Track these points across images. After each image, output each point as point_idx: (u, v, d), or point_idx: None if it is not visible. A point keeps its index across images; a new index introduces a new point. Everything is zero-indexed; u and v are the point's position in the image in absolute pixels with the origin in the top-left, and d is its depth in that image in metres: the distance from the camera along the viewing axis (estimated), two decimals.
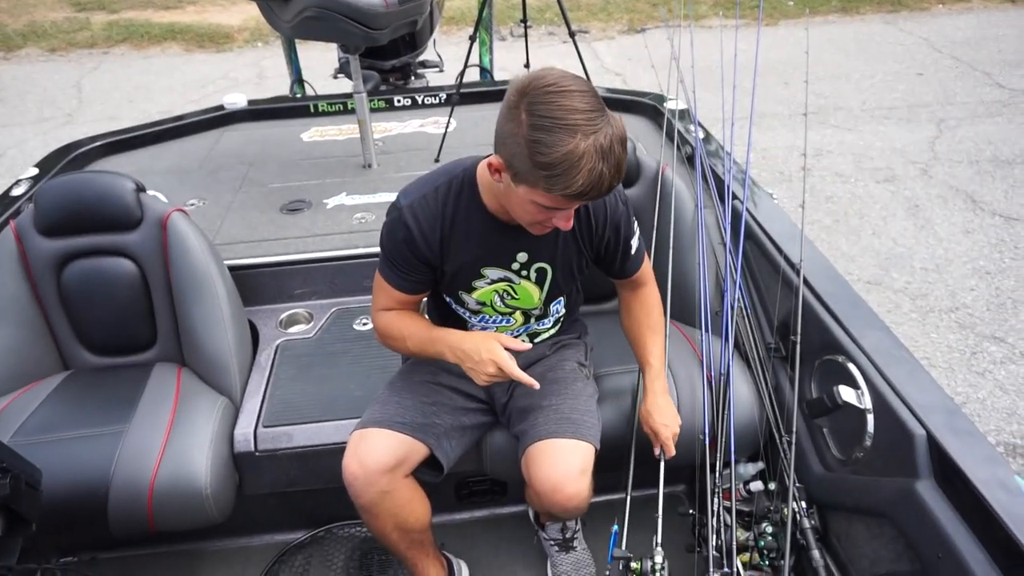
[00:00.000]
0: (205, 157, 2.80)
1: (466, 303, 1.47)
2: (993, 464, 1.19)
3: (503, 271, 1.42)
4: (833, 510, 1.54)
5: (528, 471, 1.42)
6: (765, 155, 4.45)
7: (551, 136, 1.07)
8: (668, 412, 1.49)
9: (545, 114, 1.08)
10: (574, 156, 1.06)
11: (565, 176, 1.08)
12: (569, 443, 1.41)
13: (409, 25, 2.55)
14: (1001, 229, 3.64)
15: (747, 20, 6.78)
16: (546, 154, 1.07)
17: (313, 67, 3.98)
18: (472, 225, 1.36)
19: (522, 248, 1.39)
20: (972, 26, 6.93)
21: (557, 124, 1.07)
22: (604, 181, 1.10)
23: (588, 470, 1.41)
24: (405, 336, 1.43)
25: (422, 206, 1.34)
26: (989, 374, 2.70)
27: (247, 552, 1.91)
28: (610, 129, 1.09)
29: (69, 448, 1.57)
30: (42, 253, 1.80)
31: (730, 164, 2.17)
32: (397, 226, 1.35)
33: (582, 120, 1.07)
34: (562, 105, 1.08)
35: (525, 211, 1.21)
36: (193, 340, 1.83)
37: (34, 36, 7.22)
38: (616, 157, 1.10)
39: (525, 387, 1.50)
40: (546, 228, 1.28)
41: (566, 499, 1.37)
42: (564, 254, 1.43)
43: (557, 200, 1.14)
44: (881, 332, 1.52)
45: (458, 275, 1.41)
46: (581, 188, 1.09)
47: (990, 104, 5.18)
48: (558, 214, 1.20)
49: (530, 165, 1.10)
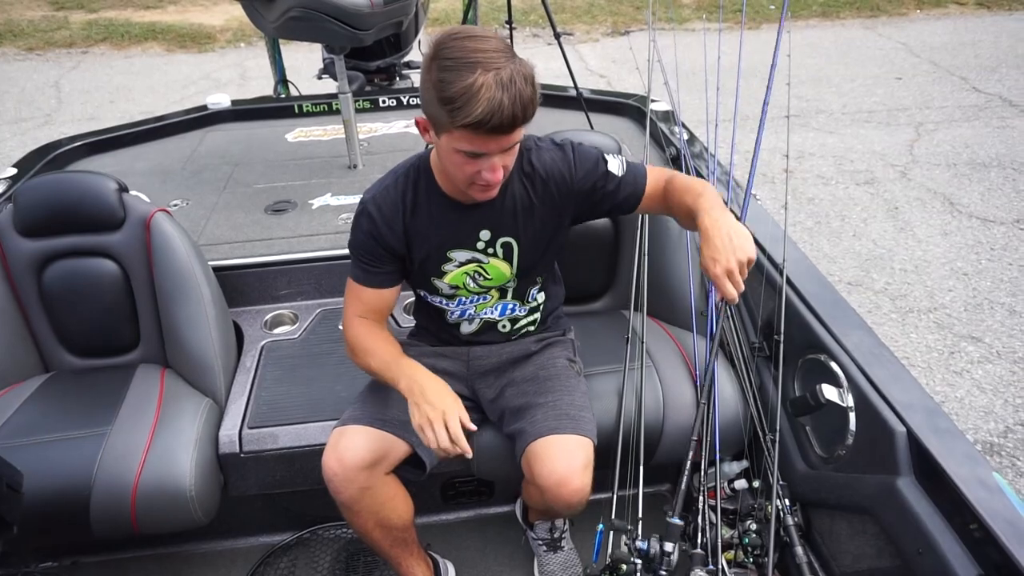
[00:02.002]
0: (188, 157, 2.78)
1: (440, 289, 1.49)
2: (973, 461, 1.21)
3: (470, 252, 1.44)
4: (816, 507, 1.56)
5: (531, 468, 1.42)
6: (748, 157, 4.47)
7: (452, 73, 1.13)
8: (724, 249, 1.21)
9: (449, 55, 1.14)
10: (473, 87, 1.11)
11: (465, 106, 1.12)
12: (572, 439, 1.42)
13: (394, 26, 2.54)
14: (978, 231, 3.71)
15: (729, 24, 6.84)
16: (447, 89, 1.13)
17: (297, 67, 3.96)
18: (433, 209, 1.39)
19: (484, 226, 1.42)
20: (949, 31, 7.05)
21: (459, 63, 1.13)
22: (504, 110, 1.12)
23: (590, 465, 1.43)
24: (370, 350, 1.43)
25: (384, 197, 1.39)
26: (967, 373, 2.75)
27: (232, 554, 1.90)
28: (513, 66, 1.14)
29: (50, 450, 1.55)
30: (22, 254, 1.78)
31: (714, 165, 2.19)
32: (362, 219, 1.40)
33: (483, 57, 1.13)
34: (465, 47, 1.14)
35: (455, 166, 1.24)
36: (177, 341, 1.81)
37: (10, 35, 7.11)
38: (518, 88, 1.13)
39: (517, 385, 1.51)
40: (487, 190, 1.29)
41: (571, 494, 1.38)
42: (527, 226, 1.44)
43: (469, 137, 1.16)
44: (863, 331, 1.55)
45: (426, 261, 1.43)
46: (480, 116, 1.11)
47: (967, 108, 5.27)
48: (484, 164, 1.22)
49: (438, 106, 1.15)
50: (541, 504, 1.52)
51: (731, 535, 1.58)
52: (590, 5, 7.91)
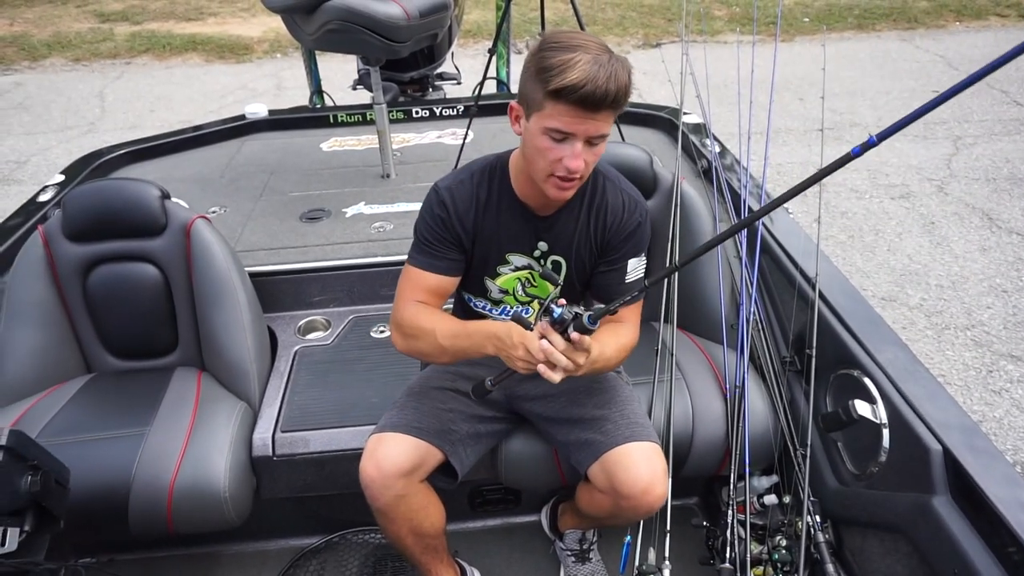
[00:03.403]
0: (226, 166, 2.85)
1: (489, 291, 1.50)
2: (1012, 483, 1.19)
3: (527, 258, 1.46)
4: (847, 525, 1.54)
5: (610, 476, 1.40)
6: (780, 170, 4.45)
7: (554, 51, 1.18)
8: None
9: (554, 40, 1.20)
10: (572, 60, 1.16)
11: (561, 73, 1.15)
12: (650, 446, 1.43)
13: (430, 38, 2.59)
14: (1018, 247, 3.62)
15: (763, 36, 6.80)
16: (546, 60, 1.18)
17: (332, 78, 4.04)
18: (502, 209, 1.42)
19: (542, 237, 1.44)
20: (990, 44, 6.91)
21: (563, 45, 1.18)
22: (598, 81, 1.15)
23: (666, 472, 1.44)
24: (435, 328, 1.38)
25: (458, 188, 1.42)
26: (1006, 393, 2.68)
27: (263, 556, 1.93)
28: (613, 56, 1.19)
29: (92, 449, 1.60)
30: (69, 258, 1.84)
31: (746, 179, 2.18)
32: (434, 204, 1.42)
33: (584, 43, 1.18)
34: (571, 36, 1.20)
35: (539, 152, 1.26)
36: (214, 345, 1.86)
37: (59, 46, 7.36)
38: (614, 69, 1.17)
39: (569, 395, 1.52)
40: (565, 186, 1.29)
41: (655, 500, 1.39)
42: (579, 250, 1.45)
43: (559, 112, 1.19)
44: (897, 347, 1.52)
45: (486, 259, 1.46)
46: (575, 80, 1.15)
47: (1008, 122, 5.16)
48: (567, 150, 1.23)
49: (534, 79, 1.20)
50: (613, 511, 1.47)
51: (760, 551, 1.56)
52: (622, 17, 7.93)
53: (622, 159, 1.84)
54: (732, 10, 7.97)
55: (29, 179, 4.66)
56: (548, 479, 1.64)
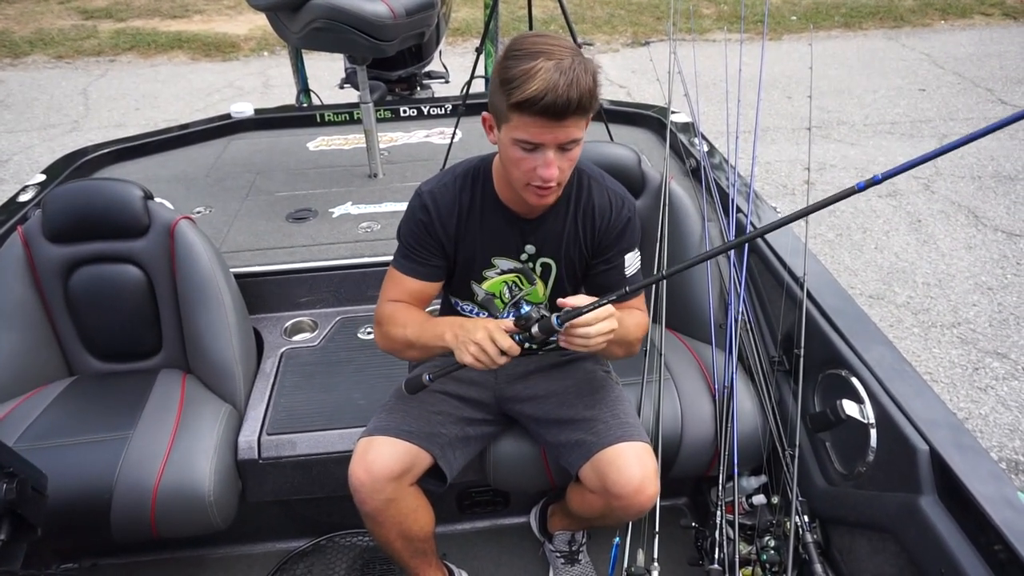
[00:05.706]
0: (212, 165, 2.82)
1: (476, 295, 1.49)
2: (997, 481, 1.19)
3: (514, 262, 1.45)
4: (835, 524, 1.54)
5: (602, 476, 1.40)
6: (768, 168, 4.47)
7: (516, 60, 1.16)
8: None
9: (518, 47, 1.18)
10: (532, 69, 1.14)
11: (522, 84, 1.14)
12: (641, 445, 1.42)
13: (416, 37, 2.57)
14: (1003, 244, 3.65)
15: (751, 35, 6.82)
16: (508, 71, 1.16)
17: (319, 77, 4.01)
18: (486, 214, 1.41)
19: (529, 241, 1.43)
20: (974, 42, 6.97)
21: (525, 52, 1.17)
22: (559, 90, 1.13)
23: (657, 472, 1.43)
24: (406, 322, 1.41)
25: (441, 192, 1.40)
26: (991, 390, 2.70)
27: (249, 559, 1.91)
28: (577, 59, 1.16)
29: (73, 453, 1.57)
30: (49, 259, 1.81)
31: (734, 177, 2.18)
32: (417, 209, 1.41)
33: (547, 49, 1.16)
34: (534, 41, 1.18)
35: (513, 163, 1.25)
36: (198, 347, 1.83)
37: (41, 43, 7.27)
38: (576, 75, 1.14)
39: (559, 396, 1.51)
40: (542, 193, 1.28)
41: (647, 500, 1.39)
42: (568, 252, 1.44)
43: (525, 123, 1.18)
44: (884, 347, 1.53)
45: (471, 263, 1.44)
46: (534, 92, 1.13)
47: (992, 120, 5.19)
48: (539, 159, 1.22)
49: (499, 91, 1.19)
50: (605, 511, 1.47)
51: (749, 551, 1.56)
52: (610, 15, 7.93)
53: (610, 158, 1.83)
54: (720, 8, 7.99)
55: (11, 178, 4.59)
56: (536, 481, 1.63)
